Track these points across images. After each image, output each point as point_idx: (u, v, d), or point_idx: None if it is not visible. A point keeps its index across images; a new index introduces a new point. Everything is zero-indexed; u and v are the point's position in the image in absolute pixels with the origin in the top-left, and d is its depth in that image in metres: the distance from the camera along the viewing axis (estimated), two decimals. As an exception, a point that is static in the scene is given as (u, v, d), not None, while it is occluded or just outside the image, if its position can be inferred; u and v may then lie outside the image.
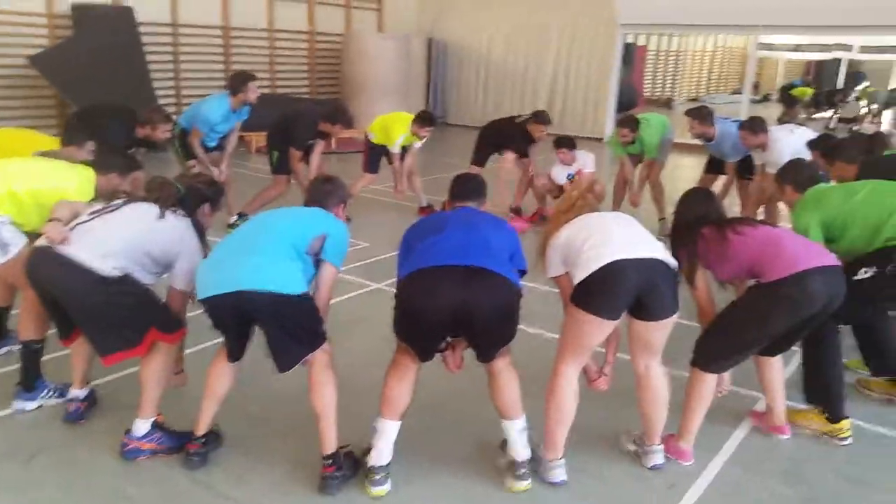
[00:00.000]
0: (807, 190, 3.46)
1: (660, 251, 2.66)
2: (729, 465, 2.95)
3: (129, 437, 2.86)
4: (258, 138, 10.89)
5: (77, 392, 3.16)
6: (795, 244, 2.87)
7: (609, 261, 2.54)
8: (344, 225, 2.93)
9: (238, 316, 2.67)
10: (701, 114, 6.14)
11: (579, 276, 2.61)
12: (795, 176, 3.56)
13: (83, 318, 2.80)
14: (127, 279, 2.75)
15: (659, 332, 2.69)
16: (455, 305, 2.49)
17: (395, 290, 2.67)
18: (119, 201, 2.98)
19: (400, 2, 14.96)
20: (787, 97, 18.76)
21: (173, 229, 2.87)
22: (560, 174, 6.81)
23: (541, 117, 6.81)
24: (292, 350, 2.68)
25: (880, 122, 17.10)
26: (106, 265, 2.70)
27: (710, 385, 2.90)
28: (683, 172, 6.79)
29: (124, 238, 2.79)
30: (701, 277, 2.94)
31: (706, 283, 2.97)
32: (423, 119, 6.82)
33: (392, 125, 6.84)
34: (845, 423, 3.08)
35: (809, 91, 18.43)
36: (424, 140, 7.00)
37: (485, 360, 2.70)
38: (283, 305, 2.58)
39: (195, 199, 3.04)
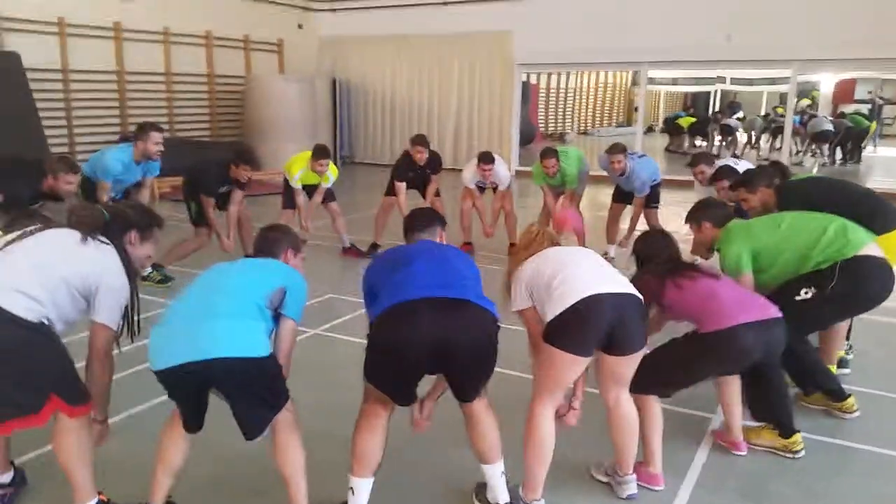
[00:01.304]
0: (724, 224, 3.65)
1: (629, 285, 2.72)
2: (697, 488, 3.01)
3: None
4: (160, 184, 10.50)
5: (1, 478, 2.83)
6: (732, 298, 2.99)
7: (583, 296, 2.56)
8: (301, 276, 2.80)
9: (200, 385, 2.47)
10: (618, 149, 6.50)
11: (552, 312, 2.61)
12: (711, 212, 3.74)
13: None
14: (42, 328, 2.43)
15: (630, 365, 2.73)
16: (435, 338, 2.40)
17: (367, 334, 2.58)
18: (34, 227, 2.64)
19: (300, 43, 14.91)
20: (673, 127, 19.97)
21: (95, 256, 2.56)
22: (470, 180, 7.14)
23: (417, 139, 7.03)
24: (260, 415, 2.50)
25: (759, 147, 18.42)
26: (17, 303, 2.37)
27: (656, 405, 2.98)
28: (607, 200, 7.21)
29: (39, 265, 2.47)
30: (653, 319, 3.09)
31: (657, 321, 3.15)
32: (316, 152, 6.81)
33: (294, 162, 6.84)
34: (797, 437, 3.22)
35: (692, 119, 19.68)
36: (333, 179, 6.97)
37: (466, 398, 2.63)
38: (251, 371, 2.40)
39: (121, 226, 2.73)
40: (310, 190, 6.94)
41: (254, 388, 2.44)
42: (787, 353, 3.22)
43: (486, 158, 6.96)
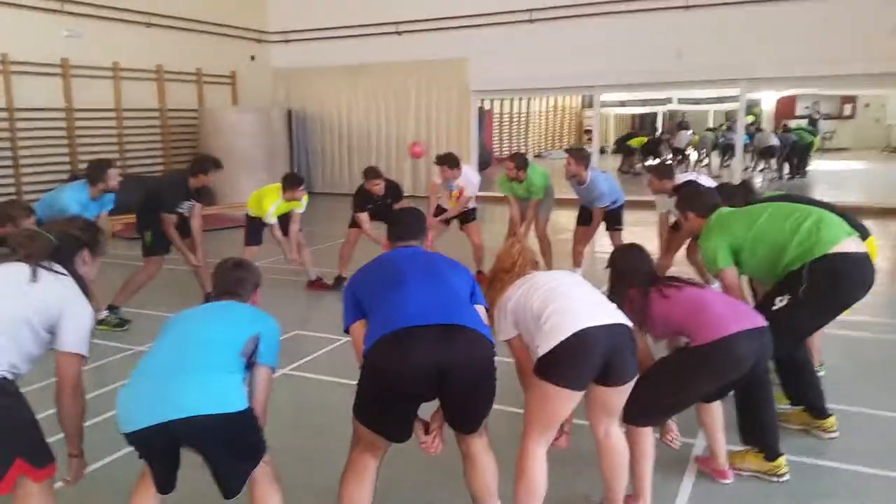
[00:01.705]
0: (709, 215, 3.63)
1: (619, 314, 2.66)
2: (687, 518, 2.98)
3: None
4: (114, 222, 10.22)
5: None
6: (722, 307, 2.93)
7: (576, 330, 2.48)
8: (273, 320, 2.66)
9: (173, 445, 2.32)
10: (581, 154, 6.61)
11: (544, 347, 2.53)
12: (697, 201, 3.74)
13: None
14: (5, 387, 2.28)
15: (621, 395, 2.67)
16: (433, 362, 2.31)
17: (360, 366, 2.48)
18: None
19: (253, 75, 14.79)
20: (624, 148, 20.33)
21: (53, 288, 2.42)
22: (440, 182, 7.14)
23: (368, 173, 6.94)
24: (239, 471, 2.37)
25: (709, 165, 18.87)
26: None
27: (649, 438, 2.91)
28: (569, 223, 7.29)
29: None
30: (639, 340, 2.94)
31: (642, 340, 3.02)
32: (290, 181, 6.70)
33: (264, 196, 6.69)
34: (781, 461, 3.20)
35: (644, 139, 20.08)
36: (305, 205, 6.87)
37: (464, 428, 2.53)
38: (228, 426, 2.27)
39: (71, 247, 2.59)
40: (281, 220, 6.80)
41: (233, 444, 2.31)
42: (783, 365, 3.22)
43: (444, 161, 7.01)
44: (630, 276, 3.10)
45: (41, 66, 10.88)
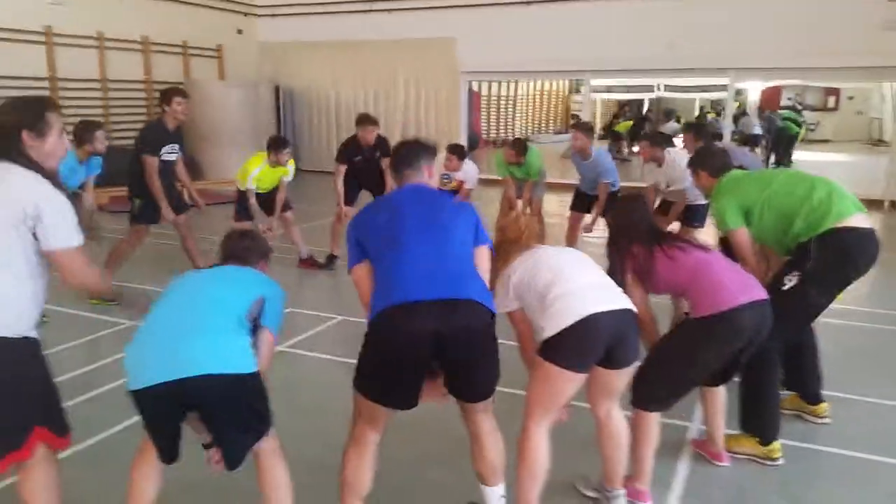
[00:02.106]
0: (720, 175, 3.59)
1: (623, 299, 2.65)
2: (685, 499, 3.02)
3: None
4: (100, 194, 10.06)
5: None
6: (728, 277, 2.88)
7: (582, 316, 2.47)
8: (279, 286, 2.67)
9: (179, 407, 2.32)
10: (588, 128, 6.67)
11: (549, 329, 2.53)
12: (709, 161, 3.70)
13: None
14: (29, 346, 2.24)
15: (623, 377, 2.69)
16: (433, 335, 2.30)
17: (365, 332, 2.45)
18: None
19: (240, 49, 14.57)
20: (612, 133, 20.37)
21: (13, 187, 2.19)
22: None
23: (363, 119, 6.88)
24: (244, 440, 2.36)
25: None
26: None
27: (654, 423, 2.93)
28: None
29: None
30: (637, 292, 2.94)
31: (643, 297, 2.98)
32: (275, 143, 6.61)
33: (249, 163, 6.60)
34: (776, 445, 3.25)
35: (629, 124, 20.12)
36: (293, 172, 6.78)
37: (474, 399, 2.51)
38: (239, 388, 2.28)
39: (6, 136, 2.27)
40: (265, 197, 6.70)
41: (239, 408, 2.30)
42: (790, 347, 3.24)
43: (455, 151, 7.20)
44: (633, 231, 3.04)
45: (24, 32, 10.63)
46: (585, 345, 2.51)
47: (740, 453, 3.30)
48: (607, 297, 2.60)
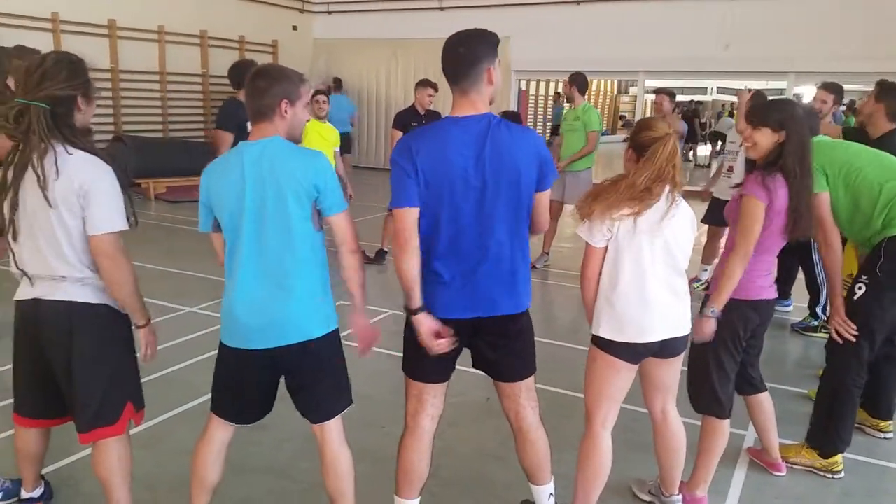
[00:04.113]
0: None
1: (685, 325, 2.57)
2: (741, 509, 2.98)
3: None
4: (156, 185, 10.33)
5: (30, 493, 2.71)
6: (767, 268, 2.84)
7: (637, 341, 2.48)
8: (319, 158, 2.29)
9: (271, 373, 2.34)
10: (671, 92, 6.92)
11: (605, 329, 2.51)
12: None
13: (76, 374, 2.30)
14: (110, 312, 2.34)
15: (673, 367, 2.65)
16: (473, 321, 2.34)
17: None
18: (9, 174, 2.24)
19: (295, 45, 14.78)
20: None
21: (67, 173, 2.19)
22: None
23: (423, 81, 6.94)
24: (333, 398, 2.41)
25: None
26: (72, 272, 2.26)
27: (726, 431, 2.88)
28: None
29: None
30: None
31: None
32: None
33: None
34: (838, 458, 3.18)
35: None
36: (337, 138, 6.68)
37: (514, 378, 2.48)
38: (323, 350, 2.32)
39: (65, 108, 2.26)
40: None
41: (331, 364, 2.38)
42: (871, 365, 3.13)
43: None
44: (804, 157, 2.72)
45: (89, 25, 10.96)
46: (637, 348, 2.52)
47: (799, 465, 3.23)
48: (669, 325, 2.52)
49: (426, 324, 2.30)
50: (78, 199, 2.20)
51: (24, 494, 2.70)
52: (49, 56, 2.30)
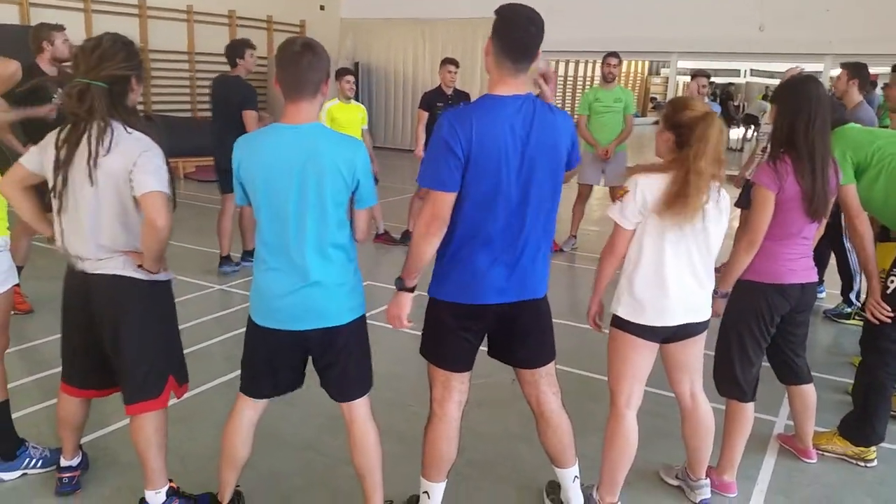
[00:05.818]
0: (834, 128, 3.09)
1: (707, 311, 2.55)
2: (770, 495, 2.93)
3: None
4: (185, 164, 10.43)
5: (69, 462, 2.77)
6: (802, 250, 2.80)
7: (657, 324, 2.47)
8: (359, 150, 2.26)
9: (301, 353, 2.38)
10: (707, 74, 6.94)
11: (625, 310, 2.48)
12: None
13: (123, 347, 2.39)
14: (158, 288, 2.44)
15: (692, 348, 2.61)
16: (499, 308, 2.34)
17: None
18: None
19: (322, 25, 14.74)
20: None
21: (120, 152, 2.29)
22: None
23: (447, 59, 6.99)
24: (359, 379, 2.44)
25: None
26: (115, 247, 2.34)
27: (749, 415, 2.87)
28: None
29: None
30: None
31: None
32: (336, 73, 6.41)
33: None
34: (871, 447, 3.13)
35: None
36: (365, 116, 6.71)
37: (531, 365, 2.47)
38: (352, 335, 2.34)
39: (121, 84, 2.35)
40: None
41: (362, 344, 2.41)
42: None
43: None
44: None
45: (119, 5, 11.03)
46: (656, 330, 2.50)
47: (831, 453, 3.18)
48: (688, 309, 2.49)
49: (407, 306, 2.36)
50: (129, 175, 2.27)
51: (64, 462, 2.77)
52: (104, 37, 2.37)
